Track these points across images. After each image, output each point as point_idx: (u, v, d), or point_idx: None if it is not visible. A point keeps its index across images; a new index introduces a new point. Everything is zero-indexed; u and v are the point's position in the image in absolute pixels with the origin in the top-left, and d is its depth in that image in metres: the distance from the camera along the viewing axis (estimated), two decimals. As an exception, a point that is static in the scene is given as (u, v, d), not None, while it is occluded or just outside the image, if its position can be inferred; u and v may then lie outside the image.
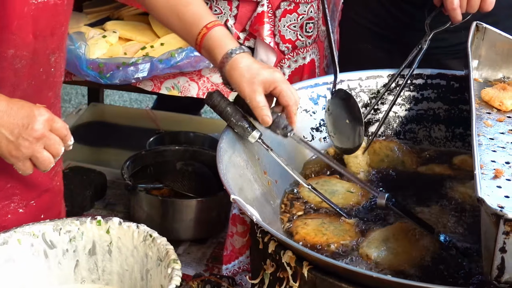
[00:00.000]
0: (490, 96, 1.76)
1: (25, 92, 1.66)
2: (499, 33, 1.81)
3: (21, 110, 1.52)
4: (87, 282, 1.76)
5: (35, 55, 1.64)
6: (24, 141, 1.52)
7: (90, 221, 1.72)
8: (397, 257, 1.52)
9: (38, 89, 1.70)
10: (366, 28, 2.18)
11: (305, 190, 1.72)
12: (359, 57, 2.01)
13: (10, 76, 1.62)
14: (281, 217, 1.65)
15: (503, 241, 1.23)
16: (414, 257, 1.53)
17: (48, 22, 1.64)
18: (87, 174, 2.76)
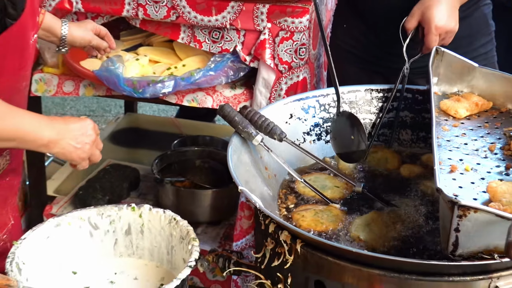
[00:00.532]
0: (447, 106, 1.74)
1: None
2: (454, 55, 1.79)
3: (76, 124, 1.58)
4: (124, 256, 1.75)
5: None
6: (85, 145, 1.59)
7: (126, 208, 1.72)
8: (378, 236, 1.50)
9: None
10: (350, 53, 2.15)
11: (300, 184, 1.68)
12: (344, 76, 1.95)
13: (22, 102, 1.66)
14: (279, 207, 1.62)
15: (457, 223, 1.22)
16: (390, 236, 1.50)
17: (32, 54, 1.67)
18: (124, 170, 2.75)
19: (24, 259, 1.52)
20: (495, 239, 1.22)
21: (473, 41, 2.04)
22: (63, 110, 4.51)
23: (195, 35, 2.18)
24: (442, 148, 1.55)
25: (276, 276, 1.44)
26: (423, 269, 1.27)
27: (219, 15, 2.11)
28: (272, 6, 2.07)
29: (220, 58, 2.16)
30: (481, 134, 1.64)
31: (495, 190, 1.36)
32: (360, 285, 1.32)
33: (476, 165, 1.49)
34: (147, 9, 2.16)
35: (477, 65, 1.78)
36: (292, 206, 1.61)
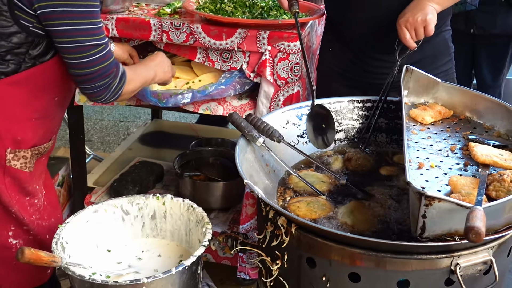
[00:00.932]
0: (416, 114, 1.72)
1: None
2: (421, 72, 1.77)
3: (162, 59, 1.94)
4: (150, 237, 1.75)
5: None
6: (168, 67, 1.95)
7: (152, 197, 1.74)
8: (361, 221, 1.48)
9: None
10: (335, 71, 2.12)
11: (293, 179, 1.66)
12: (330, 90, 1.95)
13: (68, 100, 1.80)
14: (277, 199, 1.59)
15: (424, 210, 1.21)
16: (372, 221, 1.48)
17: None
18: (151, 166, 2.73)
19: (67, 239, 1.51)
20: (455, 224, 1.21)
21: (436, 60, 2.02)
22: (101, 116, 4.49)
23: (209, 55, 2.17)
24: (411, 148, 1.54)
25: (275, 254, 1.43)
26: (396, 248, 1.26)
27: (228, 39, 2.09)
28: (271, 32, 2.06)
29: (229, 74, 2.15)
30: (443, 137, 1.62)
31: (455, 183, 1.34)
32: (344, 261, 1.30)
33: (439, 162, 1.48)
34: (170, 35, 2.15)
35: (440, 80, 1.76)
36: (289, 198, 1.58)
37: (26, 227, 1.68)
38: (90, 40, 1.51)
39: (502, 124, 1.65)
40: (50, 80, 1.60)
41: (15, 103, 1.57)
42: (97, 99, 1.64)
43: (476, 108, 1.72)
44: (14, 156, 1.60)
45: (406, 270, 1.27)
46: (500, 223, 1.25)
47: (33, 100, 1.60)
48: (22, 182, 1.64)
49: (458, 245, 1.23)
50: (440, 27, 1.97)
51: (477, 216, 1.13)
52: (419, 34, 1.74)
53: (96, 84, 1.57)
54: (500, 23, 3.61)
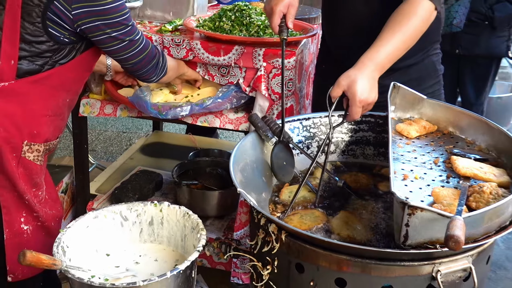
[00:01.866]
0: (401, 129, 1.72)
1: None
2: (407, 89, 1.76)
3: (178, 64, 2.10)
4: (147, 242, 1.74)
5: None
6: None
7: (150, 204, 1.72)
8: (354, 231, 1.47)
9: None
10: (327, 88, 2.08)
11: (284, 195, 1.65)
12: (324, 106, 1.88)
13: (75, 101, 1.89)
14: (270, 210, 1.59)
15: (407, 219, 1.21)
16: (360, 230, 1.47)
17: None
18: (150, 175, 2.72)
19: (68, 244, 1.50)
20: (437, 233, 1.20)
21: (422, 83, 1.99)
22: (105, 127, 4.49)
23: (209, 70, 2.18)
24: (397, 161, 1.54)
25: (266, 259, 1.42)
26: (380, 255, 1.26)
27: (226, 56, 2.10)
28: (267, 50, 2.07)
29: (226, 89, 2.15)
30: (428, 150, 1.62)
31: (438, 194, 1.34)
32: (331, 267, 1.30)
33: (423, 174, 1.48)
34: (171, 51, 2.16)
35: (425, 97, 1.76)
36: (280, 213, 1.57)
37: (36, 214, 1.75)
38: (130, 40, 1.72)
39: (483, 139, 1.65)
40: (64, 80, 1.71)
41: (35, 100, 1.66)
42: (151, 80, 1.92)
43: (459, 123, 1.72)
44: (29, 149, 1.68)
45: (390, 276, 1.27)
46: (479, 233, 1.25)
47: (49, 98, 1.70)
48: (32, 174, 1.72)
49: (439, 253, 1.23)
50: (428, 51, 1.97)
51: (457, 225, 1.13)
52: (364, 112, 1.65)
53: (146, 68, 1.85)
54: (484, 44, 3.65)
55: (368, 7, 1.87)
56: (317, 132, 1.82)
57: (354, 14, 1.91)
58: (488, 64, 3.70)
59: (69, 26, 1.61)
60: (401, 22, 1.65)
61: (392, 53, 1.64)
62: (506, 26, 3.55)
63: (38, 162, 1.73)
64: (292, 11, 1.78)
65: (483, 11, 3.51)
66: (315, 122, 1.82)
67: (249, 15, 2.19)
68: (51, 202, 1.84)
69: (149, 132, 3.60)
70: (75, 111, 2.34)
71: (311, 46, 2.45)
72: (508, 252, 3.12)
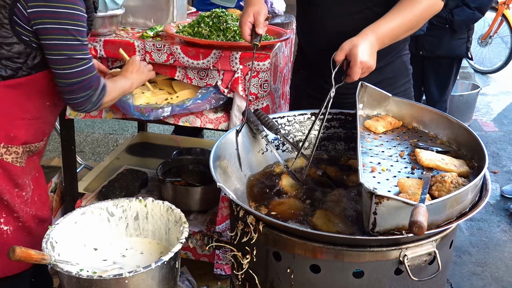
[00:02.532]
0: (369, 125, 1.73)
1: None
2: (374, 88, 1.77)
3: (136, 64, 2.00)
4: (133, 236, 1.72)
5: None
6: (146, 69, 2.03)
7: (135, 200, 1.71)
8: (328, 225, 1.46)
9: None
10: (303, 90, 2.10)
11: (283, 181, 1.65)
12: (301, 105, 1.91)
13: (60, 106, 1.80)
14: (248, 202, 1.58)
15: (375, 208, 1.21)
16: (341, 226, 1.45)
17: None
18: (136, 173, 2.72)
19: (56, 239, 1.49)
20: (402, 220, 1.22)
21: (395, 81, 2.00)
22: (93, 130, 4.45)
23: (187, 73, 2.17)
24: (365, 154, 1.55)
25: (245, 249, 1.42)
26: (351, 242, 1.27)
27: (205, 59, 2.10)
28: (243, 53, 2.07)
29: (205, 90, 2.15)
30: (394, 144, 1.63)
31: (403, 184, 1.36)
32: (306, 255, 1.30)
33: (390, 166, 1.49)
34: (152, 55, 2.15)
35: (390, 95, 1.78)
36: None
37: (16, 215, 1.70)
38: (76, 54, 1.58)
39: (445, 133, 1.67)
40: (42, 88, 1.65)
41: (10, 104, 1.61)
42: (79, 109, 1.69)
43: (422, 119, 1.74)
44: (6, 151, 1.64)
45: (361, 261, 1.28)
46: (442, 219, 1.26)
47: (26, 102, 1.64)
48: (12, 175, 1.67)
49: (405, 239, 1.24)
50: (400, 51, 1.99)
51: (420, 212, 1.14)
52: (362, 76, 1.69)
53: (79, 95, 1.63)
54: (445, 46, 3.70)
55: (348, 20, 1.86)
56: (292, 130, 1.82)
57: (333, 26, 1.89)
58: (449, 64, 3.75)
59: (28, 27, 1.55)
60: (406, 6, 1.70)
61: (394, 30, 1.67)
62: (465, 29, 3.61)
63: (18, 164, 1.67)
64: (260, 18, 1.77)
65: (443, 15, 3.57)
66: (290, 120, 1.82)
67: (226, 21, 2.20)
68: (39, 204, 1.80)
69: (134, 133, 3.58)
70: (62, 114, 2.31)
71: (285, 49, 2.46)
72: (472, 238, 3.18)
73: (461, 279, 2.79)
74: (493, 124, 5.08)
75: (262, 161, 1.74)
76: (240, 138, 1.70)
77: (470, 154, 1.55)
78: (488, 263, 2.94)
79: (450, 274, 2.79)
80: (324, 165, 1.75)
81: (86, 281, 1.32)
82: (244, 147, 1.71)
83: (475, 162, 1.49)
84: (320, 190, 1.61)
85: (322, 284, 1.31)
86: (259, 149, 1.74)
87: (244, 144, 1.71)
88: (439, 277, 1.36)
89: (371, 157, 1.54)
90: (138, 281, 1.34)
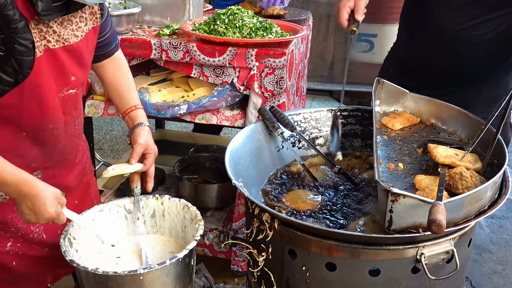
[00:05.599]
0: (386, 121, 1.72)
1: (64, 145, 1.58)
2: (391, 84, 1.76)
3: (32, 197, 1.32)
4: (150, 233, 1.72)
5: (66, 124, 1.54)
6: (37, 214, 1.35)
7: (151, 197, 1.72)
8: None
9: (71, 140, 1.62)
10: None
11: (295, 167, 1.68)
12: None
13: (52, 139, 1.52)
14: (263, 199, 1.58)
15: (391, 205, 1.20)
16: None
17: (72, 104, 1.53)
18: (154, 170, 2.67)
19: (74, 236, 1.50)
20: (419, 218, 1.20)
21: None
22: (111, 127, 4.48)
23: (203, 71, 2.17)
24: (382, 151, 1.54)
25: (261, 247, 1.42)
26: (367, 240, 1.25)
27: (220, 57, 2.10)
28: (259, 50, 2.06)
29: (221, 88, 2.15)
30: (411, 141, 1.62)
31: (420, 181, 1.34)
32: (321, 252, 1.29)
33: (407, 164, 1.48)
34: (169, 53, 2.15)
35: (407, 91, 1.76)
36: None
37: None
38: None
39: (464, 130, 1.65)
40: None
41: None
42: None
43: (441, 115, 1.72)
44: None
45: (377, 259, 1.26)
46: (460, 217, 1.24)
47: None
48: None
49: (423, 237, 1.23)
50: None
51: (439, 210, 1.12)
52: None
53: None
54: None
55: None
56: (307, 127, 1.81)
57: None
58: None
59: None
60: None
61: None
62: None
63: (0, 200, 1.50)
64: (361, 4, 1.75)
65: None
66: (305, 117, 1.81)
67: (242, 18, 2.19)
68: (26, 245, 1.59)
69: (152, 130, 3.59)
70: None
71: (301, 46, 2.44)
72: (492, 235, 3.12)
73: (481, 278, 2.74)
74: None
75: (278, 158, 1.73)
76: (256, 136, 1.70)
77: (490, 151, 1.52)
78: (510, 261, 2.88)
79: (470, 272, 2.74)
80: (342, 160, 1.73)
81: (102, 277, 1.33)
82: (260, 144, 1.70)
83: (494, 159, 1.46)
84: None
85: (338, 282, 1.30)
86: (275, 146, 1.73)
87: (260, 141, 1.70)
88: (457, 276, 1.34)
89: (388, 154, 1.53)
90: (153, 277, 1.35)
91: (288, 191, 1.59)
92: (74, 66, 1.46)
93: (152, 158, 1.68)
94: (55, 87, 1.43)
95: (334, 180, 1.63)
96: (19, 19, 1.25)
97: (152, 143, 1.70)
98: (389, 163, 1.47)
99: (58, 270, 1.71)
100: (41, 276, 1.67)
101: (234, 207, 2.34)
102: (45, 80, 1.38)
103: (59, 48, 1.39)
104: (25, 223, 1.53)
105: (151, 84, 2.34)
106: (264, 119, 1.70)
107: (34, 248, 1.61)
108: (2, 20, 1.23)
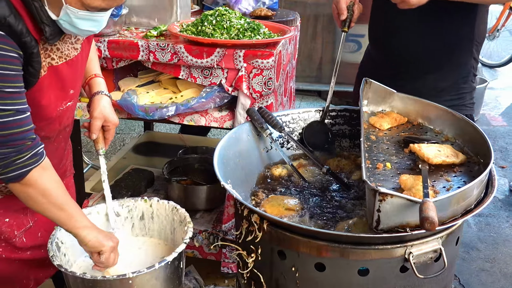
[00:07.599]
0: (374, 121, 1.73)
1: (52, 150, 1.58)
2: (379, 84, 1.76)
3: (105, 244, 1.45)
4: (139, 236, 1.74)
5: (58, 133, 1.58)
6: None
7: (140, 200, 1.73)
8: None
9: (59, 146, 1.65)
10: None
11: (276, 171, 1.67)
12: None
13: (46, 143, 1.49)
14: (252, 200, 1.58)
15: (378, 205, 1.20)
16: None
17: (69, 115, 1.59)
18: (143, 172, 2.72)
19: (62, 240, 1.49)
20: (406, 217, 1.21)
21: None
22: (100, 130, 4.46)
23: (192, 72, 2.17)
24: (370, 151, 1.54)
25: (250, 248, 1.42)
26: (356, 240, 1.26)
27: (208, 58, 2.09)
28: (247, 51, 2.06)
29: (209, 89, 2.14)
30: (399, 140, 1.63)
31: (405, 181, 1.35)
32: (310, 253, 1.29)
33: (394, 163, 1.48)
34: (156, 55, 2.14)
35: (395, 91, 1.77)
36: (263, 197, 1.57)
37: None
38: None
39: (450, 129, 1.66)
40: None
41: None
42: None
43: (428, 115, 1.73)
44: None
45: (366, 259, 1.27)
46: (446, 215, 1.25)
47: None
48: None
49: (410, 236, 1.23)
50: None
51: (429, 207, 1.13)
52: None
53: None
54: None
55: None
56: (296, 127, 1.81)
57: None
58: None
59: None
60: None
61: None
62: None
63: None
64: (357, 11, 1.86)
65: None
66: (294, 117, 1.82)
67: (229, 19, 2.19)
68: (9, 249, 1.61)
69: (141, 132, 3.58)
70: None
71: (289, 46, 2.45)
72: (480, 233, 3.15)
73: (469, 275, 2.76)
74: (501, 118, 5.03)
75: (267, 159, 1.73)
76: (244, 136, 1.70)
77: (476, 150, 1.53)
78: (497, 259, 2.91)
79: (459, 270, 2.76)
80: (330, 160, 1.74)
81: (90, 282, 1.32)
82: (249, 145, 1.70)
83: (481, 158, 1.47)
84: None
85: (327, 282, 1.30)
86: (264, 147, 1.73)
87: (248, 143, 1.70)
88: (445, 274, 1.34)
89: (375, 154, 1.53)
90: (142, 281, 1.34)
91: (275, 191, 1.59)
92: (73, 79, 1.50)
93: (112, 130, 1.70)
94: (54, 101, 1.46)
95: (322, 180, 1.64)
96: (34, 45, 1.29)
97: (111, 114, 1.69)
98: (377, 163, 1.47)
99: (40, 273, 1.71)
100: (24, 280, 1.66)
101: (223, 208, 2.34)
102: (46, 97, 1.42)
103: (61, 64, 1.43)
104: (8, 227, 1.55)
105: (139, 86, 2.33)
106: (253, 120, 1.70)
107: (17, 252, 1.60)
108: (22, 47, 1.27)
